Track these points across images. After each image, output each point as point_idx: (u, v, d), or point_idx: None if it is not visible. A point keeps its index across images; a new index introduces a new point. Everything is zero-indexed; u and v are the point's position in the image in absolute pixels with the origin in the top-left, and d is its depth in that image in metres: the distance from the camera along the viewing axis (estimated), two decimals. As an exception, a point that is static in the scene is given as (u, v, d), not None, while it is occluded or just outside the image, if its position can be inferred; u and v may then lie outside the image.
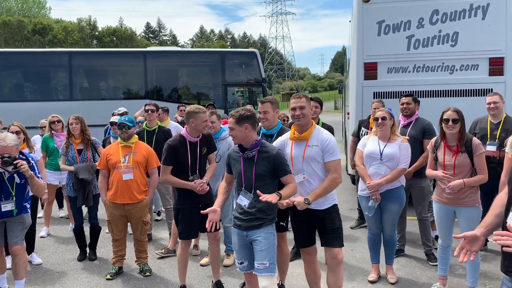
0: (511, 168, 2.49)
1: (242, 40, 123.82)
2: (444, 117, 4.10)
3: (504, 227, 2.30)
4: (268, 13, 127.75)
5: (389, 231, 4.71)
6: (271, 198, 3.29)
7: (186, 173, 4.43)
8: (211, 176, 4.68)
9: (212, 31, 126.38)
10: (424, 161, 5.10)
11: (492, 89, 6.36)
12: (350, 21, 8.05)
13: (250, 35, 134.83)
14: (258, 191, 3.33)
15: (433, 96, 6.67)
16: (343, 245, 3.79)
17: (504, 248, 2.05)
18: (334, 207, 3.76)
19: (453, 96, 6.69)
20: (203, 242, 5.87)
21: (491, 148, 5.24)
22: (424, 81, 6.62)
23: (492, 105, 5.26)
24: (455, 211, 4.19)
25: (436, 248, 4.53)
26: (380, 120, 4.53)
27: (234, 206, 3.78)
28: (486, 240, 5.55)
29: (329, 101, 56.54)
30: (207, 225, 3.52)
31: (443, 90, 6.53)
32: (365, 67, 6.73)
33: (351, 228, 6.66)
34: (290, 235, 5.21)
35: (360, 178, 4.76)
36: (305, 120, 3.72)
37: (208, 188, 4.49)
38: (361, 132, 6.22)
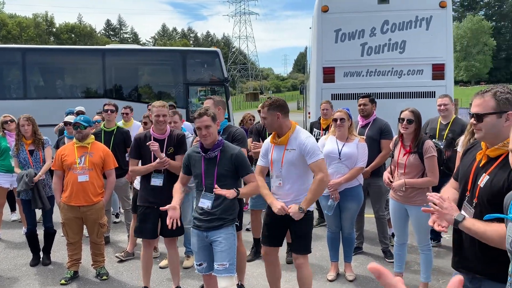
0: (460, 167, 2.57)
1: (205, 39, 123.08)
2: (401, 116, 4.20)
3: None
4: (231, 12, 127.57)
5: (348, 229, 4.79)
6: (229, 193, 3.29)
7: (150, 171, 4.38)
8: None
9: (174, 29, 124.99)
10: (381, 160, 5.23)
11: (435, 92, 7.04)
12: (310, 28, 8.63)
13: (214, 34, 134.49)
14: (215, 186, 3.32)
15: (383, 98, 7.24)
16: (306, 252, 3.77)
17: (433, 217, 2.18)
18: (307, 212, 3.71)
19: (401, 98, 7.26)
20: (162, 244, 5.76)
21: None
22: (376, 84, 7.20)
23: (442, 107, 5.45)
24: (407, 209, 4.30)
25: (393, 245, 4.64)
26: (339, 121, 4.61)
27: (194, 207, 3.73)
28: (440, 236, 5.76)
29: (292, 101, 57.03)
30: (167, 222, 3.42)
31: (392, 92, 7.14)
32: (324, 71, 7.27)
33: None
34: (248, 237, 5.21)
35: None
36: (271, 128, 3.78)
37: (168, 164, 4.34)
38: (313, 133, 6.36)
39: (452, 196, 2.48)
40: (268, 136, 3.94)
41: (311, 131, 6.45)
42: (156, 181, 4.34)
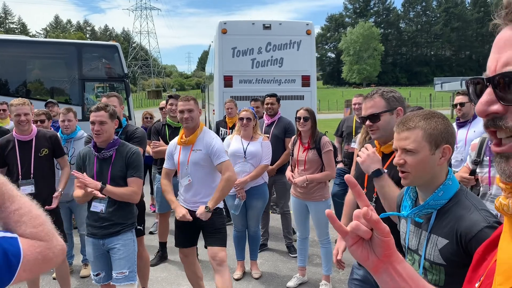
0: (356, 166, 2.67)
1: (103, 33, 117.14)
2: (297, 115, 4.35)
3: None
4: (131, 6, 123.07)
5: (254, 227, 4.81)
6: (90, 182, 3.07)
7: (18, 178, 3.84)
8: (66, 182, 4.18)
9: (69, 21, 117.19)
10: (286, 158, 5.34)
11: (303, 96, 9.18)
12: (212, 42, 10.65)
13: (112, 28, 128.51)
14: (83, 174, 3.08)
15: None
16: (224, 245, 3.71)
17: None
18: (216, 210, 3.65)
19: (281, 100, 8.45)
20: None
21: (355, 145, 5.69)
22: (262, 89, 8.75)
23: (356, 106, 5.71)
24: (307, 205, 4.43)
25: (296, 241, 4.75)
26: (245, 121, 4.60)
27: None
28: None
29: (197, 100, 56.60)
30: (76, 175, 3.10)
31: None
32: (224, 79, 9.12)
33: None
34: (152, 242, 5.01)
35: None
36: (193, 123, 3.62)
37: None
38: (220, 132, 6.37)
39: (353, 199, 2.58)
40: (169, 135, 3.80)
41: (217, 130, 6.49)
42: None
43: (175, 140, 3.79)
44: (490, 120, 0.72)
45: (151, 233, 6.22)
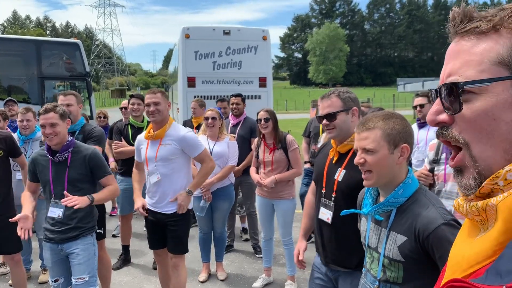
0: (314, 168, 2.74)
1: (64, 30, 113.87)
2: (258, 117, 4.35)
3: (318, 221, 2.54)
4: (94, 3, 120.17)
5: (220, 229, 4.76)
6: (79, 201, 2.90)
7: None
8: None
9: (28, 17, 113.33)
10: (252, 158, 5.31)
11: (261, 96, 9.90)
12: (175, 45, 11.40)
13: (74, 25, 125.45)
14: (65, 192, 2.95)
15: None
16: (182, 252, 3.67)
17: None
18: (184, 215, 3.60)
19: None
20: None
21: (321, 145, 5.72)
22: (223, 90, 9.51)
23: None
24: (273, 204, 4.43)
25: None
26: (210, 120, 4.55)
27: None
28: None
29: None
30: (19, 233, 2.95)
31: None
32: (188, 79, 9.77)
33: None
34: (115, 245, 4.88)
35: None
36: (160, 117, 3.54)
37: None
38: None
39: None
40: (131, 135, 3.73)
41: None
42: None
43: (143, 134, 3.72)
44: (439, 129, 0.74)
45: (114, 236, 6.06)
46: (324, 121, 2.46)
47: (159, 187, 3.58)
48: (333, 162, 2.49)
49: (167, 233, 3.63)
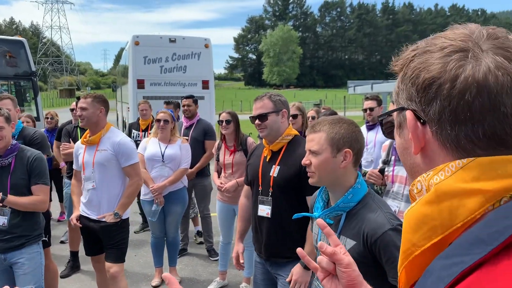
0: (248, 169, 2.91)
1: (8, 27, 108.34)
2: (220, 118, 4.34)
3: (256, 219, 2.72)
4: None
5: (173, 233, 4.70)
6: None
7: None
8: None
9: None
10: (205, 161, 5.28)
11: (204, 96, 10.74)
12: (125, 50, 12.79)
13: (19, 21, 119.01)
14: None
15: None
16: (119, 261, 3.57)
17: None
18: (121, 223, 3.52)
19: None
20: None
21: None
22: (170, 91, 10.77)
23: None
24: (234, 209, 4.42)
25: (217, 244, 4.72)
26: (162, 123, 4.48)
27: None
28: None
29: (113, 99, 54.39)
30: None
31: (179, 96, 9.10)
32: (137, 82, 10.92)
33: (134, 232, 6.44)
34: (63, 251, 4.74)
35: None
36: (87, 122, 3.46)
37: None
38: (132, 135, 6.17)
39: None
40: (80, 137, 3.62)
41: (129, 133, 6.30)
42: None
43: (79, 141, 3.66)
44: None
45: (62, 242, 5.84)
46: (257, 121, 2.66)
47: (94, 194, 3.50)
48: (267, 160, 2.70)
49: (103, 240, 3.56)
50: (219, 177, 4.49)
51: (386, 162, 3.29)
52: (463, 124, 0.64)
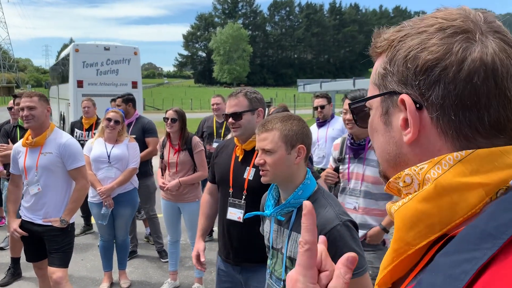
0: (215, 168, 2.74)
1: None
2: (166, 116, 4.25)
3: (224, 222, 2.52)
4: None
5: (123, 236, 4.56)
6: None
7: None
8: None
9: None
10: (146, 155, 5.17)
11: (133, 95, 10.89)
12: (66, 55, 14.90)
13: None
14: None
15: (108, 98, 10.06)
16: (63, 266, 3.42)
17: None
18: (67, 227, 3.38)
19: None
20: None
21: (216, 145, 5.72)
22: (104, 90, 12.44)
23: (215, 106, 5.76)
24: (179, 207, 4.36)
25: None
26: (112, 123, 4.30)
27: None
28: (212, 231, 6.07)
29: (47, 96, 52.12)
30: None
31: (112, 94, 9.67)
32: (77, 82, 12.86)
33: (76, 235, 6.19)
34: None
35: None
36: (35, 123, 3.26)
37: None
38: (75, 134, 5.93)
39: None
40: (20, 138, 3.43)
41: (72, 132, 6.03)
42: None
43: (20, 142, 3.43)
44: None
45: (1, 249, 5.51)
46: (230, 120, 2.48)
47: (39, 198, 3.34)
48: (239, 160, 2.52)
49: (46, 245, 3.40)
50: (163, 175, 4.40)
51: (340, 160, 3.35)
52: (468, 110, 0.61)
